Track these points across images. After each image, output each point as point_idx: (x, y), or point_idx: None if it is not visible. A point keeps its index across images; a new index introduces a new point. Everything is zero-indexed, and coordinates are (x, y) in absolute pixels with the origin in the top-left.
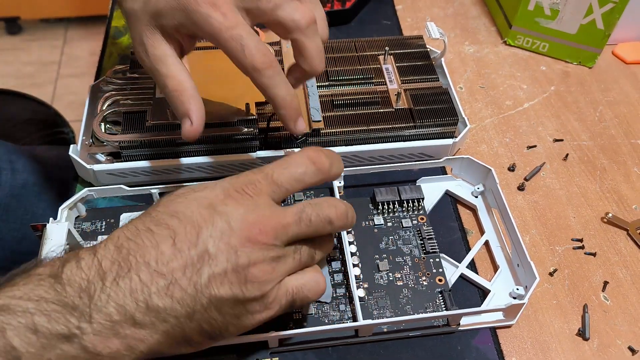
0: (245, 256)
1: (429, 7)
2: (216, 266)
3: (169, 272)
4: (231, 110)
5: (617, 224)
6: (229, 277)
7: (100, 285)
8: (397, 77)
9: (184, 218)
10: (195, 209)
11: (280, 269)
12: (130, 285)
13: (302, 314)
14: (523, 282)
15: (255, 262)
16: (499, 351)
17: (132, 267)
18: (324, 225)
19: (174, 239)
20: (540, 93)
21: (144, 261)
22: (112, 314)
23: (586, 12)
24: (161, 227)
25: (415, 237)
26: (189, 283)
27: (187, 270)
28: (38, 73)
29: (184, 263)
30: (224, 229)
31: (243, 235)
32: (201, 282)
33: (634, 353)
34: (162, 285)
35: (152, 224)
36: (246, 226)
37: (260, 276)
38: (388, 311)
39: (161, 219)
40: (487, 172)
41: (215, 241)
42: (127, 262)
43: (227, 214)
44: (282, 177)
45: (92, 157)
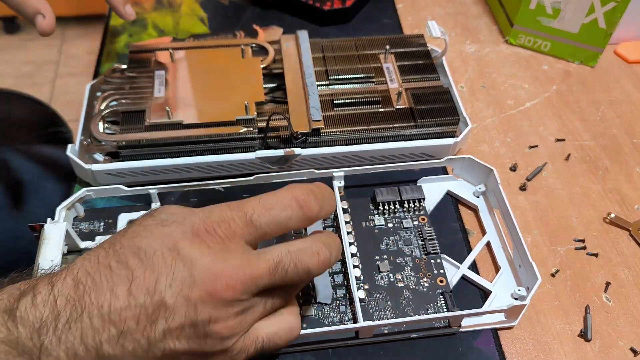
0: (205, 313)
1: (430, 6)
2: (172, 320)
3: (121, 320)
4: (230, 110)
5: (619, 225)
6: (186, 332)
7: (53, 326)
8: (398, 76)
9: (145, 259)
10: (158, 248)
11: (247, 320)
12: (82, 329)
13: (302, 315)
14: (525, 283)
15: (217, 319)
16: (500, 353)
17: (85, 309)
18: (300, 276)
19: (131, 283)
20: (542, 92)
21: (97, 304)
22: (62, 358)
23: (588, 11)
24: (121, 265)
25: (416, 237)
26: (141, 335)
27: (140, 322)
28: (36, 72)
29: (138, 313)
30: (184, 278)
31: (205, 289)
32: (155, 336)
33: (636, 354)
34: (114, 334)
35: (113, 259)
36: (210, 278)
37: (223, 332)
38: (389, 312)
39: (123, 255)
40: (489, 172)
41: (174, 292)
42: (81, 302)
43: (191, 261)
44: (262, 219)
45: (91, 156)
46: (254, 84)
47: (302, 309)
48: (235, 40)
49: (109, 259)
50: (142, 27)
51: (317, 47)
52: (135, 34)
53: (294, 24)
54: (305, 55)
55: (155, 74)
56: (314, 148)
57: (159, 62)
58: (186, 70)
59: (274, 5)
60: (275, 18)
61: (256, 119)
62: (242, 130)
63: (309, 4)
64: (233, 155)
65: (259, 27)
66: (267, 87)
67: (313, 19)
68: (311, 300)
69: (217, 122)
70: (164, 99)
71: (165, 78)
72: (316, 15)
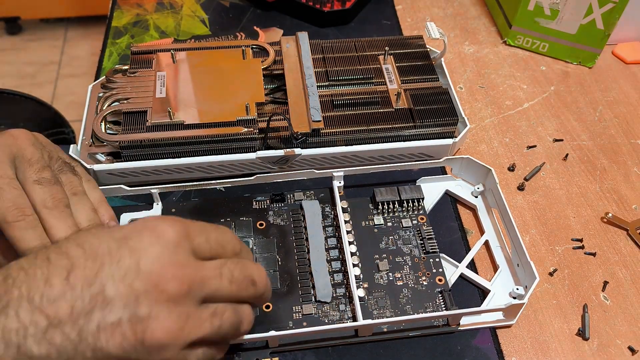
0: (146, 305)
1: (429, 7)
2: (110, 312)
3: (53, 311)
4: (231, 110)
5: (617, 224)
6: (122, 329)
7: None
8: (397, 77)
9: (89, 249)
10: (105, 240)
11: (189, 331)
12: (5, 324)
13: (302, 313)
14: (523, 282)
15: (158, 315)
16: (498, 351)
17: (12, 301)
18: (247, 286)
19: (69, 272)
20: (540, 93)
21: (28, 296)
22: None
23: (586, 12)
24: (61, 257)
25: (415, 237)
26: (73, 328)
27: (74, 312)
28: (38, 73)
29: (73, 302)
30: (129, 268)
31: (150, 280)
32: (88, 329)
33: (633, 353)
34: (42, 327)
35: (52, 253)
36: (157, 269)
37: (161, 336)
38: (388, 311)
39: (64, 248)
40: (487, 172)
41: (116, 282)
42: (8, 294)
43: (139, 250)
44: (211, 236)
45: (92, 157)
46: (254, 84)
47: (302, 307)
48: (236, 41)
49: (49, 252)
50: (144, 28)
51: (317, 48)
52: (137, 35)
53: (294, 26)
54: (305, 56)
55: (156, 74)
56: (314, 148)
57: (161, 63)
58: (187, 71)
59: (275, 6)
60: (276, 19)
61: (257, 120)
62: (242, 131)
63: (309, 5)
64: (234, 156)
65: (260, 28)
66: (267, 88)
67: (313, 20)
68: (311, 299)
69: (218, 123)
70: (165, 100)
71: (167, 79)
72: (316, 16)
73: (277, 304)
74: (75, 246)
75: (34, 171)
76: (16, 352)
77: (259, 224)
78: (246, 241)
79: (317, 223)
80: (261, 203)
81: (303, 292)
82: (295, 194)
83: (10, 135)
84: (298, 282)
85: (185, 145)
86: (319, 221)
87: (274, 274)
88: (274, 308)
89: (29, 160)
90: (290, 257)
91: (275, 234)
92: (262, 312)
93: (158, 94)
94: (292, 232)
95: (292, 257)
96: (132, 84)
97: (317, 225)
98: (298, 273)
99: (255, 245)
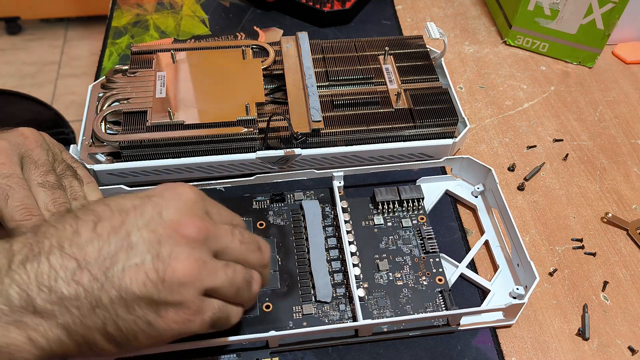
0: (168, 247)
1: (429, 7)
2: (135, 256)
3: (82, 255)
4: (231, 110)
5: (617, 224)
6: (145, 269)
7: (6, 267)
8: (397, 77)
9: (114, 206)
10: (129, 198)
11: (206, 274)
12: (38, 269)
13: (302, 314)
14: (523, 282)
15: (179, 256)
16: (498, 351)
17: (44, 250)
18: (254, 249)
19: (96, 224)
20: (540, 93)
21: (58, 244)
22: (13, 298)
23: (586, 12)
24: (87, 212)
25: (415, 236)
26: (99, 269)
27: (101, 255)
28: (38, 73)
29: (100, 247)
30: (152, 217)
31: (172, 227)
32: (114, 270)
33: (633, 353)
34: (71, 269)
35: (80, 211)
36: (178, 217)
37: (180, 274)
38: (388, 311)
39: (92, 206)
40: (487, 172)
41: (140, 229)
42: (40, 244)
43: (161, 205)
44: (222, 211)
45: (93, 157)
46: (254, 84)
47: (302, 307)
48: (236, 41)
49: (77, 211)
50: (144, 28)
51: (317, 48)
52: (137, 35)
53: (294, 26)
54: (305, 56)
55: (156, 74)
56: (314, 148)
57: (161, 63)
58: (187, 71)
59: (275, 6)
60: (276, 19)
61: (257, 120)
62: (242, 131)
63: (309, 5)
64: (234, 156)
65: (260, 28)
66: (267, 88)
67: (313, 20)
68: (311, 299)
69: (218, 123)
70: (165, 100)
71: (167, 79)
72: (316, 16)
73: (277, 304)
74: (102, 204)
75: (39, 174)
76: (48, 293)
77: (259, 224)
78: None
79: (317, 223)
80: (261, 203)
81: (303, 292)
82: (295, 194)
83: (21, 134)
84: (298, 282)
85: (185, 145)
86: (319, 221)
87: (274, 274)
88: (274, 308)
89: (35, 162)
90: (290, 257)
91: (275, 234)
92: (262, 312)
93: (158, 94)
94: (292, 232)
95: (292, 257)
96: (132, 84)
97: (317, 225)
98: (298, 273)
99: None
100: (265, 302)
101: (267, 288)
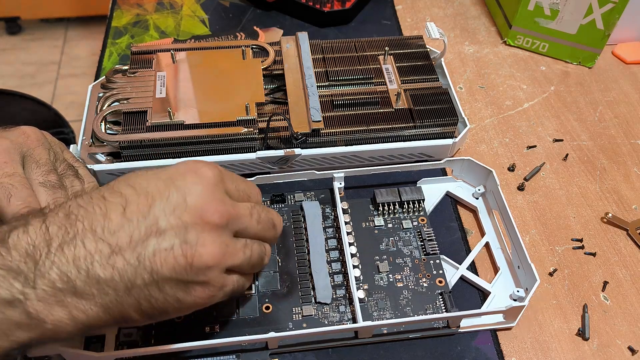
0: (194, 234)
1: (429, 7)
2: (164, 240)
3: (114, 240)
4: (231, 110)
5: (617, 224)
6: (174, 254)
7: (46, 250)
8: (397, 77)
9: (140, 188)
10: (153, 181)
11: (229, 256)
12: (74, 252)
13: (302, 314)
14: (523, 284)
15: (205, 242)
16: (498, 351)
17: (78, 234)
18: (269, 227)
19: (125, 208)
20: (540, 93)
21: (90, 228)
22: (55, 280)
23: (586, 12)
24: (114, 195)
25: (415, 238)
26: (132, 253)
27: (132, 241)
28: (38, 73)
29: (131, 233)
30: (178, 203)
31: (196, 214)
32: (145, 254)
33: (633, 353)
34: (106, 254)
35: (106, 192)
36: (201, 204)
37: (207, 259)
38: (388, 313)
39: (117, 187)
40: (488, 174)
41: (167, 215)
42: (74, 227)
43: (184, 189)
44: (240, 185)
45: (93, 157)
46: (254, 84)
47: (302, 309)
48: (236, 41)
49: (103, 192)
50: (144, 28)
51: (317, 49)
52: (137, 35)
53: (294, 26)
54: (305, 56)
55: (156, 74)
56: (314, 148)
57: (161, 63)
58: (187, 71)
59: (275, 6)
60: (276, 19)
61: (257, 120)
62: (242, 131)
63: (309, 5)
64: (234, 156)
65: (260, 28)
66: (267, 88)
67: (313, 20)
68: (311, 300)
69: (218, 123)
70: (165, 100)
71: (167, 79)
72: (316, 16)
73: (277, 305)
74: (127, 186)
75: (40, 173)
76: (86, 276)
77: None
78: None
79: (318, 224)
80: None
81: (303, 294)
82: (296, 194)
83: (23, 133)
84: (298, 283)
85: (185, 145)
86: (319, 222)
87: (274, 275)
88: (273, 309)
89: (37, 162)
90: (290, 258)
91: None
92: (262, 313)
93: (158, 94)
94: (292, 233)
95: (292, 258)
96: (132, 84)
97: (318, 226)
98: (298, 274)
99: None
100: (265, 303)
101: (267, 289)
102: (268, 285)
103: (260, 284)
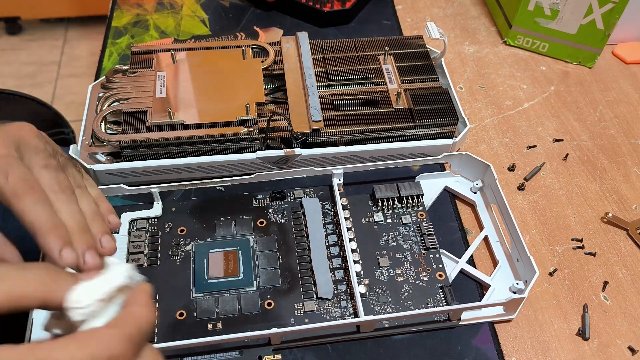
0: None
1: (429, 7)
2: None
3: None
4: (231, 110)
5: (617, 224)
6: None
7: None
8: (397, 77)
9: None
10: None
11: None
12: None
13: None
14: (523, 277)
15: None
16: (498, 351)
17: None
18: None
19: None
20: (540, 93)
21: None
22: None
23: (586, 12)
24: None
25: (415, 233)
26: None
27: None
28: (38, 73)
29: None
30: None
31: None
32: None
33: (633, 353)
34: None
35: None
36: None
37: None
38: (389, 307)
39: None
40: (486, 168)
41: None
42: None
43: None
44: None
45: (92, 157)
46: (254, 84)
47: (303, 304)
48: (236, 41)
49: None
50: (144, 28)
51: (317, 48)
52: (137, 35)
53: (294, 26)
54: (305, 56)
55: (156, 74)
56: (314, 148)
57: (161, 63)
58: (187, 71)
59: (275, 6)
60: (276, 19)
61: (257, 120)
62: (243, 131)
63: (309, 5)
64: (234, 156)
65: (260, 28)
66: (267, 88)
67: (313, 20)
68: (312, 296)
69: (218, 123)
70: (165, 100)
71: (167, 79)
72: (316, 16)
73: (279, 302)
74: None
75: (40, 158)
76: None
77: (260, 222)
78: (247, 239)
79: (317, 220)
80: (261, 201)
81: (304, 289)
82: (295, 191)
83: (16, 126)
84: (299, 279)
85: (185, 145)
86: (319, 218)
87: (275, 272)
88: (275, 305)
89: (35, 148)
90: (291, 254)
91: (276, 232)
92: (264, 310)
93: (158, 94)
94: (292, 229)
95: (293, 254)
96: (132, 84)
97: (318, 223)
98: (299, 270)
99: (256, 243)
100: (267, 300)
101: (268, 285)
102: (269, 282)
103: (262, 281)
